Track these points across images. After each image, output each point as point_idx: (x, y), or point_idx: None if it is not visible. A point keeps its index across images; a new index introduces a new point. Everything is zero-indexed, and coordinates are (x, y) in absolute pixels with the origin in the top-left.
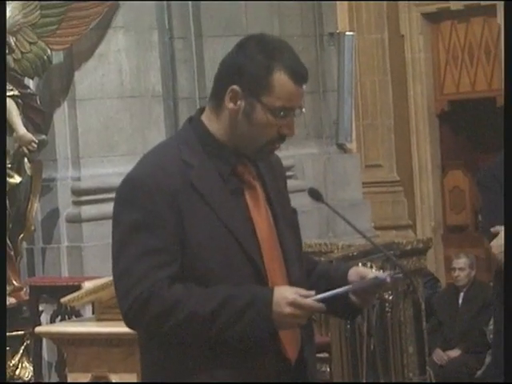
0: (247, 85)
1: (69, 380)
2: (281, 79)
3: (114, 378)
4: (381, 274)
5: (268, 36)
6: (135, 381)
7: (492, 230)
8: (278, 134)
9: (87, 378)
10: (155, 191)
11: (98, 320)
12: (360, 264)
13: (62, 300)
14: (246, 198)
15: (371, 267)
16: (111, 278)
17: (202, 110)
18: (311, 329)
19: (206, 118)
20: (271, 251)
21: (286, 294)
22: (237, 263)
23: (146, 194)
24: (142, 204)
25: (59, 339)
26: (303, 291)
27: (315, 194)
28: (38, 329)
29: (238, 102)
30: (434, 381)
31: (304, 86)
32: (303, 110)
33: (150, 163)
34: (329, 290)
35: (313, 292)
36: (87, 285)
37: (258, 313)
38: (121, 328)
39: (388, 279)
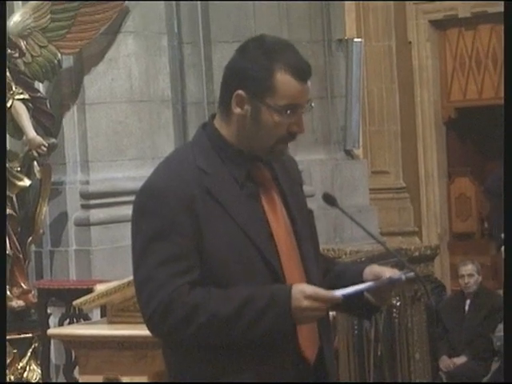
0: (251, 88)
1: (80, 382)
2: (283, 79)
3: (125, 380)
4: (395, 273)
5: (267, 37)
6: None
7: (502, 235)
8: (288, 132)
9: (98, 380)
10: (173, 199)
11: (110, 323)
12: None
13: (75, 303)
14: (262, 202)
15: None
16: (123, 281)
17: (214, 116)
18: (329, 330)
19: (218, 124)
20: (289, 254)
21: (304, 289)
22: (255, 267)
23: (163, 202)
24: (160, 212)
25: (71, 342)
26: (322, 290)
27: (330, 199)
28: (50, 331)
29: (245, 107)
30: None
31: (309, 82)
32: (312, 104)
33: (167, 171)
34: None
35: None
36: (99, 288)
37: (279, 310)
38: (132, 331)
39: (403, 278)
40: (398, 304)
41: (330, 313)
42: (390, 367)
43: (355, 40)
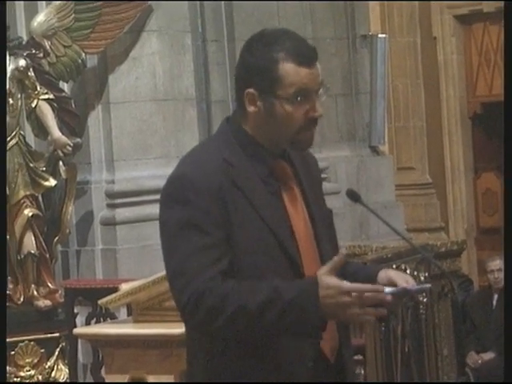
0: (259, 84)
1: (106, 382)
2: (286, 67)
3: (151, 379)
4: (411, 283)
5: (268, 30)
6: (173, 381)
7: None
8: (307, 118)
9: (124, 379)
10: (201, 188)
11: (136, 322)
12: (394, 266)
13: (100, 302)
14: (284, 199)
15: (405, 269)
16: (148, 279)
17: (238, 111)
18: (348, 330)
19: (241, 119)
20: (308, 250)
21: (334, 283)
22: (277, 261)
23: (192, 191)
24: (190, 202)
25: (97, 341)
26: (334, 259)
27: (354, 196)
28: (75, 330)
29: (257, 103)
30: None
31: (317, 65)
32: (328, 86)
33: (193, 163)
34: None
35: (341, 256)
36: (124, 287)
37: (307, 304)
38: (158, 329)
39: (413, 289)
40: (425, 300)
41: None
42: (417, 363)
43: (379, 36)
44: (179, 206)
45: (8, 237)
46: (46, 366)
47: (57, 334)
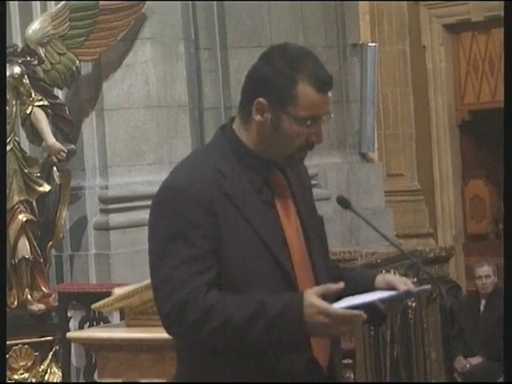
0: (272, 97)
1: None
2: (305, 90)
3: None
4: (410, 285)
5: (291, 45)
6: None
7: None
8: (307, 141)
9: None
10: (192, 200)
11: (128, 326)
12: (383, 271)
13: (93, 306)
14: (277, 208)
15: (394, 274)
16: (140, 284)
17: (232, 120)
18: (338, 339)
19: (237, 128)
20: (301, 261)
21: (315, 302)
22: (269, 273)
23: (182, 202)
24: (179, 213)
25: (90, 345)
26: (329, 285)
27: (344, 202)
28: (69, 334)
29: (265, 114)
30: None
31: (329, 93)
32: (331, 115)
33: (186, 172)
34: (355, 294)
35: (341, 284)
36: (117, 291)
37: (292, 320)
38: (150, 334)
39: (414, 291)
40: (414, 305)
41: None
42: (406, 367)
43: (369, 44)
44: (168, 216)
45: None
46: (40, 369)
47: (50, 338)
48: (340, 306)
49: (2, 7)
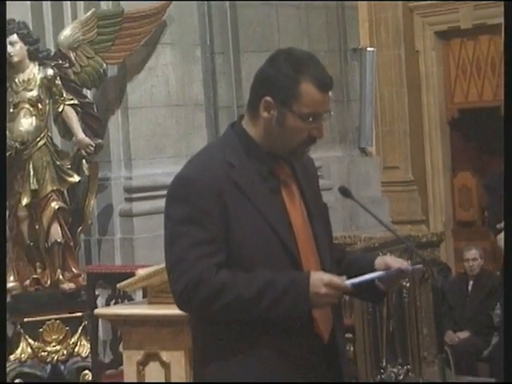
0: (278, 96)
1: (124, 356)
2: (308, 89)
3: (164, 354)
4: (404, 264)
5: (295, 50)
6: (183, 357)
7: (498, 226)
8: (309, 136)
9: (140, 354)
10: (203, 189)
11: (150, 303)
12: (380, 254)
13: (119, 285)
14: (283, 195)
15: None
16: (161, 265)
17: (242, 117)
18: (340, 312)
19: (246, 124)
20: (305, 241)
21: (322, 276)
22: (275, 253)
23: (195, 191)
24: (192, 200)
25: (115, 320)
26: (336, 277)
27: (345, 192)
28: (96, 311)
29: (271, 112)
30: (451, 359)
31: (330, 93)
32: (331, 112)
33: (199, 164)
34: (358, 276)
35: (344, 277)
36: (140, 272)
37: (298, 294)
38: (170, 310)
39: (410, 269)
40: (408, 285)
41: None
42: (400, 341)
43: (368, 49)
44: (182, 203)
45: (37, 227)
46: (70, 342)
47: (80, 314)
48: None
49: (2, 7)
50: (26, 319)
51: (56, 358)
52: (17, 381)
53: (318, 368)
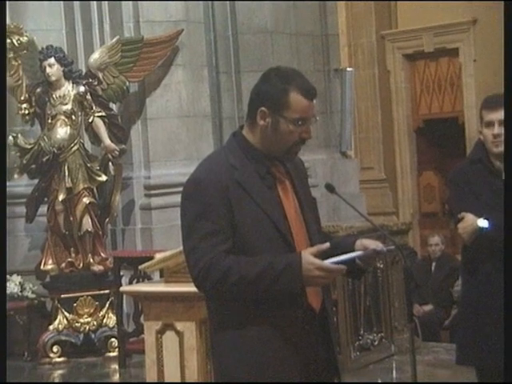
0: (271, 105)
1: (145, 326)
2: (295, 97)
3: (178, 325)
4: (379, 245)
5: (283, 67)
6: (195, 327)
7: (458, 216)
8: (300, 138)
9: (158, 325)
10: (211, 188)
11: (166, 282)
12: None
13: (140, 266)
14: (278, 191)
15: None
16: (175, 250)
17: (242, 126)
18: (329, 288)
19: (246, 132)
20: (298, 229)
21: (313, 261)
22: (273, 239)
23: (204, 191)
24: (202, 199)
25: (137, 296)
26: (320, 246)
27: (330, 188)
28: (121, 288)
29: (267, 119)
30: (418, 328)
31: (314, 101)
32: (317, 118)
33: (206, 167)
34: (341, 255)
35: (327, 244)
36: (158, 256)
37: (292, 275)
38: (183, 288)
39: (384, 250)
40: (382, 266)
41: None
42: (375, 313)
43: (348, 69)
44: (194, 202)
45: (71, 219)
46: (100, 315)
47: (107, 291)
48: (329, 261)
49: (2, 7)
50: (62, 296)
51: (87, 328)
52: (54, 348)
53: (311, 335)
